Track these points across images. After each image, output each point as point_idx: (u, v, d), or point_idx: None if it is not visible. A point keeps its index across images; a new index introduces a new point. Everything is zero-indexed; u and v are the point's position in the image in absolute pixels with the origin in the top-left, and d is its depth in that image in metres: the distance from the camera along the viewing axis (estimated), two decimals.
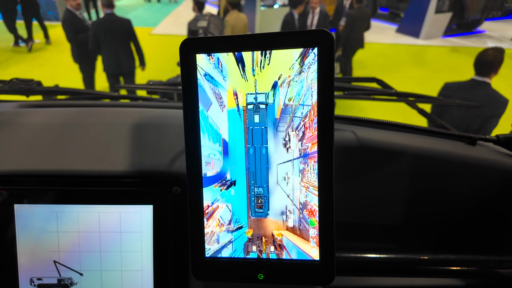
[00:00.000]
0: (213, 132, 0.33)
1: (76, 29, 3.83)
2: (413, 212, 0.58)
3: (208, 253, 0.35)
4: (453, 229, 0.59)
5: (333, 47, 0.31)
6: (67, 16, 3.84)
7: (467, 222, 0.58)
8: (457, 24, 8.62)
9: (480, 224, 0.58)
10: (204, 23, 1.47)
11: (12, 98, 0.90)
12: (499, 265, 0.50)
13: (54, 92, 0.94)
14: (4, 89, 0.89)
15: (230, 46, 0.32)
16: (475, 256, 0.50)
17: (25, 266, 0.41)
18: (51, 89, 0.91)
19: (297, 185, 0.33)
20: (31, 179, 0.41)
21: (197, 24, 1.46)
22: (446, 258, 0.50)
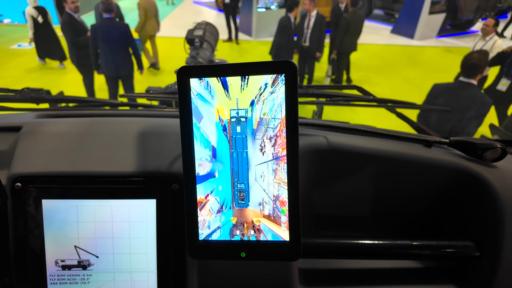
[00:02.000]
0: (204, 140, 0.42)
1: (76, 32, 3.91)
2: (377, 205, 0.67)
3: (201, 237, 0.43)
4: (410, 219, 0.68)
5: (296, 74, 0.39)
6: (66, 19, 3.91)
7: (422, 213, 0.67)
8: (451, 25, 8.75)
9: (433, 215, 0.67)
10: (200, 31, 1.55)
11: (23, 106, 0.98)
12: (448, 249, 0.59)
13: (61, 100, 1.02)
14: (16, 97, 0.97)
15: (217, 73, 0.41)
16: (428, 241, 0.59)
17: (51, 250, 0.50)
18: (58, 97, 1.00)
19: (271, 181, 0.42)
20: (55, 179, 0.50)
21: (193, 33, 1.54)
22: (403, 243, 0.59)
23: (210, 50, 1.62)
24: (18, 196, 0.49)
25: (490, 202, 0.57)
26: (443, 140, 0.63)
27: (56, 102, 1.05)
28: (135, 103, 1.00)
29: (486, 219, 0.58)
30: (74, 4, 3.91)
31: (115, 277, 0.51)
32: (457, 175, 0.61)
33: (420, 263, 0.66)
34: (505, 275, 0.55)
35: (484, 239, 0.58)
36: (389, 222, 0.68)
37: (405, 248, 0.59)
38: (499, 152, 0.60)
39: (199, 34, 1.54)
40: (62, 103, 1.08)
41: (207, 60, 1.53)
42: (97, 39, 3.70)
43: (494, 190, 0.57)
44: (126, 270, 0.51)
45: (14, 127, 0.58)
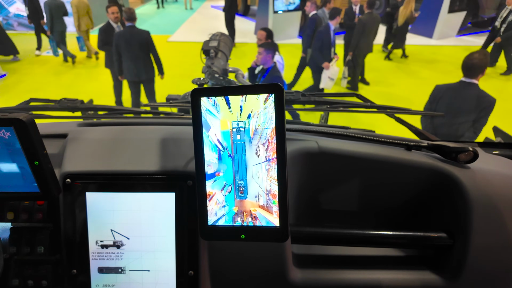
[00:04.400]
0: (211, 145, 0.53)
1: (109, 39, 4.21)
2: (363, 201, 0.76)
3: (210, 222, 0.55)
4: (393, 213, 0.77)
5: (283, 94, 0.50)
6: (105, 27, 4.33)
7: (403, 208, 0.76)
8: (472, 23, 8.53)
9: (413, 210, 0.76)
10: (215, 42, 1.67)
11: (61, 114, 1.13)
12: (424, 239, 0.68)
13: (92, 108, 1.17)
14: (55, 107, 1.12)
15: (221, 93, 0.52)
16: (406, 232, 0.68)
17: (92, 232, 0.63)
18: (90, 106, 1.14)
19: (265, 178, 0.53)
20: (96, 176, 0.63)
21: (209, 44, 1.67)
22: (384, 233, 0.68)
23: (224, 59, 1.74)
24: (68, 190, 0.63)
25: (461, 199, 0.65)
26: (422, 144, 0.72)
27: (88, 110, 1.19)
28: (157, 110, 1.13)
29: (458, 214, 0.66)
30: (114, 15, 4.26)
31: (142, 255, 0.63)
32: (433, 175, 0.70)
33: (402, 252, 0.75)
34: (473, 262, 0.64)
35: (456, 231, 0.66)
36: (374, 216, 0.77)
37: (386, 238, 0.68)
38: (471, 155, 0.68)
39: (214, 45, 1.66)
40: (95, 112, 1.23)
41: (221, 68, 1.65)
42: (120, 46, 3.93)
43: (464, 188, 0.65)
44: (150, 249, 0.63)
45: (62, 134, 0.72)
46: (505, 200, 0.64)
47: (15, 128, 0.51)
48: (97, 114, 1.24)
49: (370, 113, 1.09)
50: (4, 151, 0.53)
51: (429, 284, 0.67)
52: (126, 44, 3.89)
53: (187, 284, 0.63)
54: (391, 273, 0.68)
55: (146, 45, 3.95)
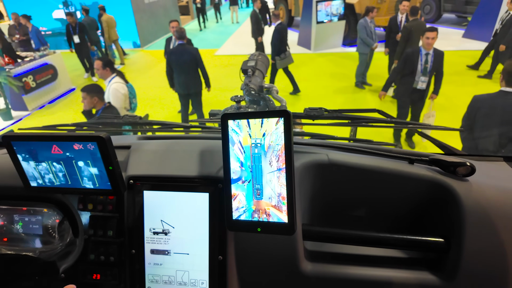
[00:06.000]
0: (235, 157, 0.69)
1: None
2: (370, 208, 0.86)
3: (234, 217, 0.70)
4: (394, 219, 0.85)
5: (291, 117, 0.64)
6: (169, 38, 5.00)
7: (403, 214, 0.84)
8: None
9: (412, 216, 0.83)
10: (252, 62, 1.85)
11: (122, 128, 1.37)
12: (422, 243, 0.76)
13: (149, 123, 1.40)
14: (119, 122, 1.37)
15: (244, 117, 0.67)
16: (406, 236, 0.77)
17: (147, 222, 0.82)
18: (147, 121, 1.37)
19: (276, 184, 0.67)
20: (151, 178, 0.82)
21: (247, 64, 1.85)
22: (387, 236, 0.78)
23: (261, 77, 1.91)
24: (131, 188, 0.83)
25: (456, 208, 0.73)
26: (423, 158, 0.81)
27: (145, 125, 1.43)
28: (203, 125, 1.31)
29: (453, 221, 0.74)
30: (174, 29, 4.73)
31: (183, 242, 0.81)
32: (433, 186, 0.78)
33: (403, 254, 0.83)
34: (467, 264, 0.71)
35: (452, 236, 0.74)
36: (378, 220, 0.87)
37: (388, 239, 0.77)
38: (469, 169, 0.76)
39: (252, 64, 1.84)
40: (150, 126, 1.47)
41: (258, 85, 1.83)
42: (172, 62, 4.33)
43: (460, 199, 0.73)
44: (190, 237, 0.80)
45: (126, 146, 0.93)
46: (498, 210, 0.71)
47: (98, 143, 0.72)
48: (152, 128, 1.48)
49: (392, 128, 1.17)
50: (89, 159, 0.75)
51: (427, 284, 0.75)
52: (177, 60, 4.28)
53: (217, 267, 0.79)
54: (392, 271, 0.77)
55: (195, 61, 4.30)
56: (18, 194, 0.93)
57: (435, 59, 3.66)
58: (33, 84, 6.27)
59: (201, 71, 4.41)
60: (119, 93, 3.33)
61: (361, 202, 0.87)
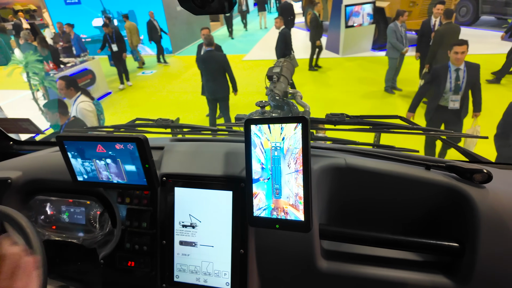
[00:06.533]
0: (257, 159, 0.76)
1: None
2: (386, 210, 0.89)
3: (254, 214, 0.76)
4: (409, 222, 0.87)
5: (308, 123, 0.69)
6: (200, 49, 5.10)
7: (419, 218, 0.86)
8: None
9: (428, 220, 0.85)
10: (278, 69, 1.91)
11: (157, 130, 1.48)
12: (437, 246, 0.78)
13: (180, 126, 1.50)
14: (153, 125, 1.49)
15: (265, 122, 0.74)
16: (421, 239, 0.80)
17: (177, 215, 0.90)
18: (178, 125, 1.47)
19: (294, 184, 0.72)
20: (181, 176, 0.91)
21: (272, 71, 1.92)
22: (402, 238, 0.80)
23: (285, 83, 1.97)
24: (164, 185, 0.92)
25: (471, 214, 0.75)
26: (440, 164, 0.83)
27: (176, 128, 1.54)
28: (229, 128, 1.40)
29: (468, 226, 0.76)
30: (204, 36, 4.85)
31: (208, 235, 0.88)
32: (448, 192, 0.80)
33: (418, 256, 0.85)
34: (481, 269, 0.73)
35: (466, 241, 0.76)
36: (394, 223, 0.90)
37: (403, 242, 0.80)
38: (485, 176, 0.77)
39: (277, 71, 1.91)
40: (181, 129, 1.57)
41: (282, 91, 1.89)
42: (200, 68, 4.51)
43: (475, 205, 0.75)
44: (214, 231, 0.88)
45: (160, 146, 1.03)
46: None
47: (136, 144, 0.81)
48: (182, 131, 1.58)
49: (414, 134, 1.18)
50: (129, 157, 0.84)
51: (441, 287, 0.77)
52: (205, 66, 4.45)
53: (239, 259, 0.86)
54: (407, 273, 0.80)
55: (222, 67, 4.44)
56: (66, 187, 1.06)
57: (468, 74, 3.18)
58: None
59: (228, 77, 4.54)
60: (86, 111, 3.32)
61: (377, 205, 0.90)
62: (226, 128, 1.41)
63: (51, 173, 1.06)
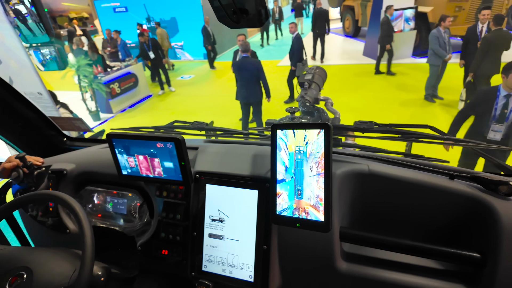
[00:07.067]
0: (281, 161, 0.81)
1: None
2: (407, 217, 0.90)
3: (277, 212, 0.82)
4: (430, 230, 0.88)
5: (330, 130, 0.74)
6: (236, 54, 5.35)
7: (440, 227, 0.86)
8: None
9: (449, 229, 0.85)
10: (309, 76, 1.96)
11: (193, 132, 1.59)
12: (458, 256, 0.79)
13: (213, 129, 1.60)
14: (190, 127, 1.60)
15: (290, 128, 0.80)
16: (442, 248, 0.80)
17: (207, 210, 0.98)
18: (211, 127, 1.57)
19: (315, 186, 0.77)
20: (213, 174, 0.99)
21: (304, 78, 1.97)
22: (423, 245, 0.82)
23: (317, 90, 2.01)
24: (197, 181, 1.01)
25: (495, 226, 0.75)
26: (464, 174, 0.83)
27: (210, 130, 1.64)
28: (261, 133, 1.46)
29: (491, 238, 0.76)
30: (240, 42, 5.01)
31: (234, 229, 0.95)
32: (472, 203, 0.80)
33: (437, 264, 0.86)
34: (502, 280, 0.72)
35: (488, 252, 0.76)
36: (415, 231, 0.90)
37: (424, 249, 0.81)
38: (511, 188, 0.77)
39: (309, 78, 1.96)
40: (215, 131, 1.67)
41: (313, 98, 1.93)
42: (235, 73, 4.65)
43: (499, 217, 0.75)
44: (240, 226, 0.95)
45: (195, 147, 1.12)
46: None
47: (175, 143, 0.91)
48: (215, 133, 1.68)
49: (444, 144, 1.18)
50: (167, 155, 0.94)
51: None
52: (240, 71, 4.59)
53: (262, 254, 0.92)
54: (426, 280, 0.81)
55: (257, 73, 4.55)
56: (112, 180, 1.18)
57: None
58: (118, 90, 7.20)
59: (262, 82, 4.64)
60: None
61: (399, 211, 0.92)
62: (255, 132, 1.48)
63: (100, 167, 1.19)
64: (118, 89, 7.21)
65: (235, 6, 0.69)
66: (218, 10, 0.70)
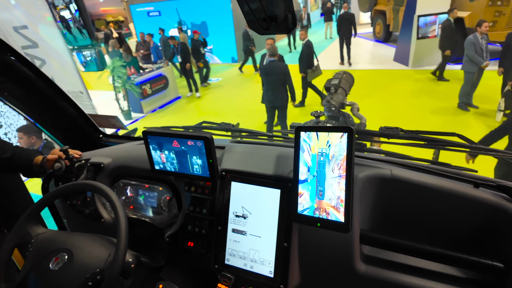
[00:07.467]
0: (304, 162, 0.85)
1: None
2: (428, 222, 0.90)
3: (299, 211, 0.85)
4: (452, 237, 0.87)
5: (353, 133, 0.76)
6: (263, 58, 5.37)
7: (462, 234, 0.85)
8: None
9: (472, 237, 0.84)
10: (336, 81, 1.97)
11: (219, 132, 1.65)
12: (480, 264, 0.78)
13: (239, 130, 1.65)
14: (217, 128, 1.66)
15: (313, 130, 0.83)
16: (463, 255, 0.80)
17: (231, 206, 1.03)
18: (237, 129, 1.63)
19: (336, 188, 0.80)
20: (238, 172, 1.04)
21: (331, 82, 1.99)
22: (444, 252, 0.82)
23: (343, 94, 2.02)
24: (223, 179, 1.06)
25: None
26: (490, 183, 0.82)
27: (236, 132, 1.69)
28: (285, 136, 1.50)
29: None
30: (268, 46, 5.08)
31: (257, 226, 0.99)
32: (497, 212, 0.80)
33: (460, 273, 0.85)
34: None
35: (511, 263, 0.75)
36: (437, 237, 0.90)
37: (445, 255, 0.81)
38: None
39: (335, 83, 1.97)
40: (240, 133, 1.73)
41: (339, 102, 1.94)
42: (262, 77, 4.71)
43: None
44: (262, 223, 0.99)
45: (222, 146, 1.18)
46: None
47: (204, 142, 0.97)
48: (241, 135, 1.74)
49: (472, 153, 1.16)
50: (197, 152, 1.00)
51: None
52: (267, 75, 4.64)
53: (282, 251, 0.95)
54: (446, 287, 0.81)
55: (283, 77, 4.58)
56: (144, 174, 1.27)
57: None
58: (149, 91, 7.50)
59: (288, 87, 4.66)
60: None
61: (420, 217, 0.92)
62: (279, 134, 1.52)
63: (134, 162, 1.28)
64: (149, 90, 7.50)
65: (265, 14, 0.74)
66: (249, 17, 0.75)
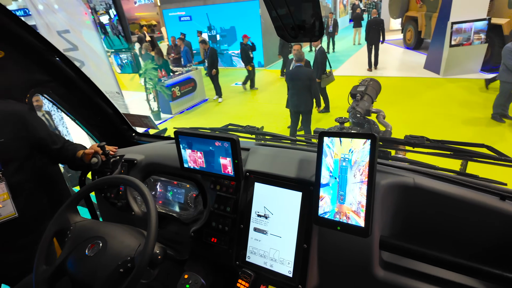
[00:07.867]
0: (326, 167, 0.87)
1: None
2: (450, 233, 0.89)
3: (319, 214, 0.88)
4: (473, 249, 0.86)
5: (376, 140, 0.78)
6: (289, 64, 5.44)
7: (485, 247, 0.84)
8: None
9: (497, 250, 0.83)
10: (362, 87, 1.97)
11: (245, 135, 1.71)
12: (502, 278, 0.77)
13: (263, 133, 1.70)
14: (242, 130, 1.72)
15: (337, 136, 0.86)
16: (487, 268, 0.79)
17: (254, 206, 1.08)
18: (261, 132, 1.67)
19: (358, 193, 0.82)
20: (261, 174, 1.09)
21: (357, 89, 1.99)
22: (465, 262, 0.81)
23: (369, 101, 2.01)
24: (247, 179, 1.11)
25: None
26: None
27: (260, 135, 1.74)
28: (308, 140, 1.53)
29: None
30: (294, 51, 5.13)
31: (278, 227, 1.03)
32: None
33: (482, 286, 0.84)
34: None
35: None
36: (460, 249, 0.89)
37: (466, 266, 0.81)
38: None
39: (361, 89, 1.97)
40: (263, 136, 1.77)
41: (365, 109, 1.94)
42: (287, 82, 4.74)
43: None
44: (283, 224, 1.02)
45: (246, 148, 1.23)
46: None
47: (231, 143, 1.02)
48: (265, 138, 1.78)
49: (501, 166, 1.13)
50: (223, 153, 1.06)
51: None
52: (292, 80, 4.66)
53: (302, 252, 0.98)
54: None
55: (309, 83, 4.58)
56: (173, 172, 1.34)
57: None
58: (178, 93, 7.74)
59: (313, 92, 4.66)
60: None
61: (442, 226, 0.92)
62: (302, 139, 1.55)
63: (164, 159, 1.36)
64: (178, 92, 7.74)
65: (294, 23, 0.78)
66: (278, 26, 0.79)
